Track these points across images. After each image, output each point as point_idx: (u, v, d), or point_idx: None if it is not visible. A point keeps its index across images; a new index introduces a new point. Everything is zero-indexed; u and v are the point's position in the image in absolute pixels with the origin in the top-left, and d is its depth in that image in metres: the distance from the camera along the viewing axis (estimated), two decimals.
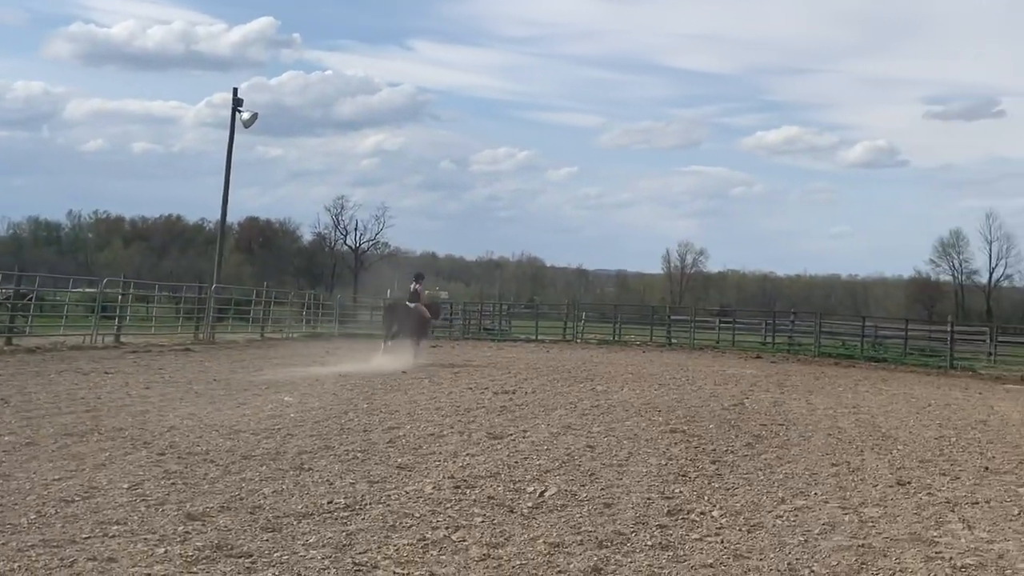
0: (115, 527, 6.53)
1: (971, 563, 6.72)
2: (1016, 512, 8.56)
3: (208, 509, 7.16)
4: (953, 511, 8.49)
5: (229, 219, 38.52)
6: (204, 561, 5.88)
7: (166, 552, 6.00)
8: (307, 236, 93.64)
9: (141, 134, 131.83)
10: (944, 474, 10.44)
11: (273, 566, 5.87)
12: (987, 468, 11.01)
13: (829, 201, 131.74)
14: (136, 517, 6.83)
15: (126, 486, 7.77)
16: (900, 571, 6.47)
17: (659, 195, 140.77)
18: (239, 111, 32.16)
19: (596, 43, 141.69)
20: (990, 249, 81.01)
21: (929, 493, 9.26)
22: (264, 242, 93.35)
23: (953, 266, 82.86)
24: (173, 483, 8.00)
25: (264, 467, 8.86)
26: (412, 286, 24.43)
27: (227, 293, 33.72)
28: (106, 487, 7.71)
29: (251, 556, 6.04)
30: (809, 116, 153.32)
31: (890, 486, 9.55)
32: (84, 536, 6.28)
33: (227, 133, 32.45)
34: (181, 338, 27.12)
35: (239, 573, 5.72)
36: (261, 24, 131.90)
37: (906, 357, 33.60)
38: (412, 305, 23.71)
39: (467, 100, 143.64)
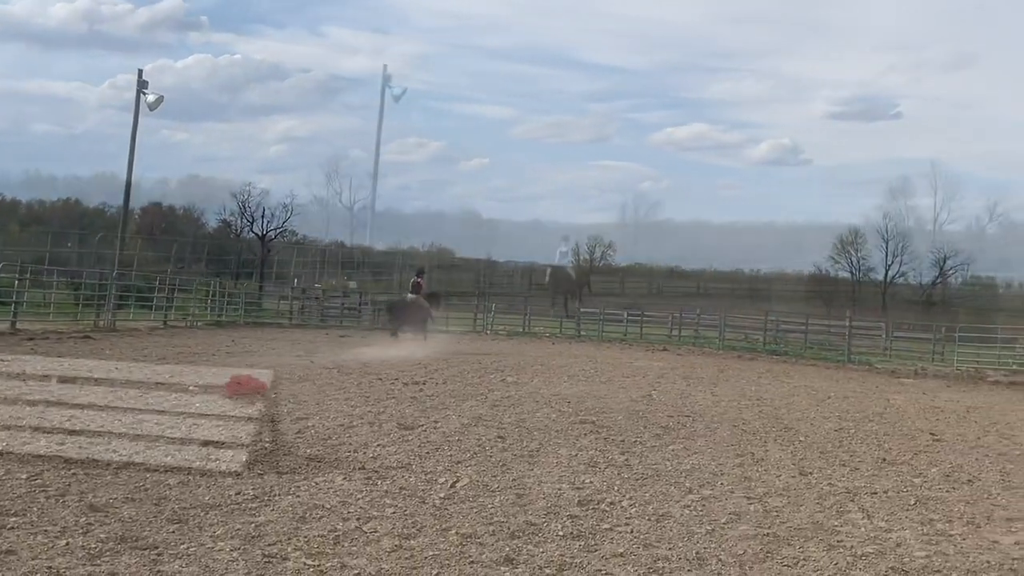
0: (13, 519, 6.32)
1: (871, 551, 6.93)
2: (912, 502, 8.86)
3: (111, 500, 6.98)
4: (853, 501, 8.75)
5: (131, 204, 37.51)
6: (108, 553, 5.73)
7: (68, 544, 5.83)
8: (212, 223, 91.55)
9: (40, 115, 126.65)
10: (844, 465, 10.74)
11: (180, 558, 5.75)
12: (884, 459, 11.36)
13: (735, 198, 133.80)
14: (36, 508, 6.63)
15: (24, 476, 7.53)
16: (804, 560, 6.64)
17: (570, 188, 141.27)
18: (144, 93, 31.30)
19: (509, 35, 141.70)
20: (886, 247, 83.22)
21: (830, 483, 9.53)
22: (167, 228, 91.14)
23: (851, 263, 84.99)
24: (74, 473, 7.78)
25: (169, 457, 8.66)
26: (413, 279, 27.49)
27: (129, 279, 32.88)
28: (3, 477, 7.47)
29: (157, 548, 5.91)
30: (717, 113, 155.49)
31: (793, 477, 9.79)
32: None
33: (131, 116, 31.61)
34: (81, 325, 26.32)
35: (144, 565, 5.59)
36: (168, 5, 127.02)
37: (806, 351, 34.47)
38: (412, 297, 26.64)
39: (379, 89, 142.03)
